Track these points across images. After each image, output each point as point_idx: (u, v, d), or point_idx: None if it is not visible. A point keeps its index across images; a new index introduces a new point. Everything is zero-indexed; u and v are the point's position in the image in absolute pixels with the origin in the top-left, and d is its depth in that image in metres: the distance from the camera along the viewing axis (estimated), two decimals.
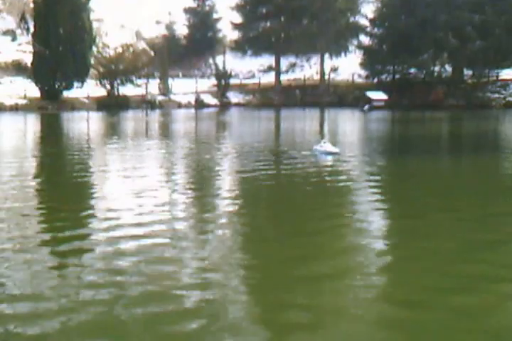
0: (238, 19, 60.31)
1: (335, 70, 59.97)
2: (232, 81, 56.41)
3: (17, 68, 55.62)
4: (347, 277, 6.41)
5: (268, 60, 62.09)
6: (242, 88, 57.15)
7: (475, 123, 33.89)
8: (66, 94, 47.82)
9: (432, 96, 49.40)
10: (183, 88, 53.55)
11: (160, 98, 51.49)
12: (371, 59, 54.25)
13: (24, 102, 45.82)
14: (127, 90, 50.76)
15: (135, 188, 11.49)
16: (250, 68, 65.34)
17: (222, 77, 55.70)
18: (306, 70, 63.47)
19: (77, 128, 31.64)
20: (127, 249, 7.30)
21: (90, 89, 48.63)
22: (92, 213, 9.54)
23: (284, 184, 12.76)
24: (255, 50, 60.49)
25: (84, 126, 33.31)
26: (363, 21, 57.17)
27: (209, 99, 53.34)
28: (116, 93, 50.72)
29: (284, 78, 59.00)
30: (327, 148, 16.60)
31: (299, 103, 52.10)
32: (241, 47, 61.11)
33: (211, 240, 7.83)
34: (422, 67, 52.21)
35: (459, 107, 45.81)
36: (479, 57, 48.61)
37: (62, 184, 12.98)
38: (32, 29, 50.46)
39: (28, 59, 50.74)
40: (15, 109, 44.49)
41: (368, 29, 56.48)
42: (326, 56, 57.81)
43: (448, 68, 53.01)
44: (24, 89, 46.57)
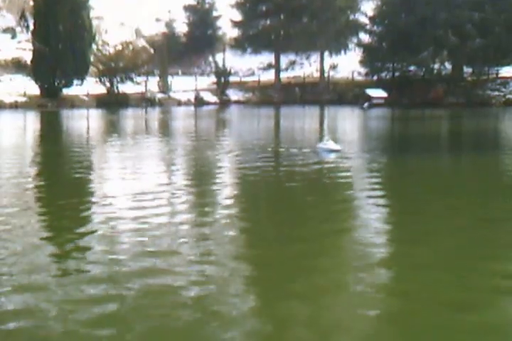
0: (238, 17, 60.25)
1: (334, 68, 59.97)
2: (231, 79, 56.38)
3: (17, 66, 55.61)
4: (346, 270, 6.50)
5: (268, 58, 62.06)
6: (242, 86, 57.12)
7: (475, 121, 33.88)
8: (66, 92, 47.75)
9: (432, 94, 49.34)
10: (183, 86, 53.51)
11: (159, 96, 51.47)
12: (371, 57, 54.21)
13: (24, 100, 45.80)
14: (127, 88, 50.71)
15: (135, 185, 11.52)
16: (250, 66, 65.34)
17: (221, 75, 55.67)
18: (306, 68, 63.44)
19: (76, 125, 31.66)
20: (127, 244, 7.35)
21: (90, 86, 48.56)
22: (92, 209, 9.56)
23: (287, 181, 12.76)
24: (255, 48, 60.44)
25: (84, 124, 33.31)
26: (363, 19, 57.10)
27: (209, 97, 53.32)
28: (115, 91, 50.61)
29: (284, 76, 58.99)
30: (330, 146, 16.70)
31: (299, 101, 52.06)
32: (241, 44, 61.06)
33: (211, 235, 7.86)
34: (422, 65, 52.15)
35: (459, 105, 45.76)
36: (479, 54, 48.54)
37: (62, 181, 13.00)
38: (32, 27, 50.36)
39: (28, 57, 50.67)
40: (14, 107, 44.44)
41: (368, 27, 56.40)
42: (326, 54, 57.80)
43: (448, 66, 52.92)
44: (24, 86, 46.47)
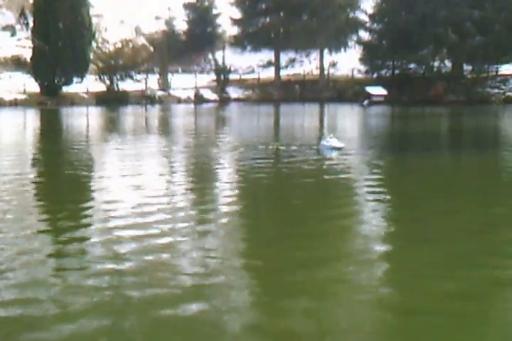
0: (238, 15, 60.29)
1: (334, 65, 59.97)
2: (231, 76, 56.46)
3: (16, 63, 55.62)
4: (346, 264, 6.56)
5: (267, 56, 62.08)
6: (242, 83, 57.16)
7: (475, 118, 33.88)
8: (65, 90, 47.78)
9: (432, 91, 49.35)
10: (183, 83, 53.56)
11: (159, 93, 51.51)
12: (371, 54, 54.22)
13: (23, 97, 45.81)
14: (127, 85, 50.75)
15: (135, 181, 11.54)
16: (250, 63, 65.35)
17: (221, 73, 55.71)
18: (306, 65, 63.48)
19: (76, 123, 31.64)
20: (127, 239, 7.39)
21: (90, 84, 48.60)
22: (92, 206, 9.59)
23: (289, 178, 12.80)
24: (255, 46, 60.48)
25: (83, 122, 33.31)
26: (363, 17, 57.09)
27: (208, 95, 53.35)
28: (115, 88, 50.68)
29: (284, 73, 59.03)
30: (333, 143, 16.71)
31: (299, 98, 52.11)
32: (240, 42, 61.08)
33: (211, 231, 7.88)
34: (422, 63, 52.16)
35: (459, 103, 45.75)
36: (479, 52, 48.54)
37: (62, 178, 13.02)
38: (31, 24, 50.34)
39: (28, 54, 50.70)
40: (14, 105, 44.47)
41: (368, 25, 56.40)
42: (326, 51, 57.82)
43: (448, 64, 52.94)
44: (23, 84, 46.51)
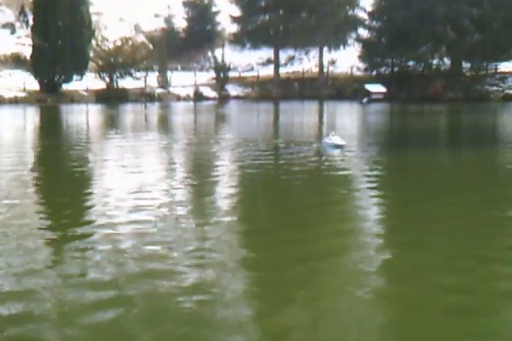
0: (237, 12, 60.27)
1: (333, 63, 60.01)
2: (230, 74, 56.46)
3: (16, 61, 55.63)
4: (343, 257, 6.65)
5: (267, 53, 62.09)
6: (241, 81, 57.17)
7: (474, 116, 33.92)
8: (65, 87, 47.85)
9: (431, 89, 49.38)
10: (182, 81, 53.57)
11: (159, 91, 51.55)
12: (370, 52, 54.24)
13: (23, 95, 45.87)
14: (126, 83, 50.80)
15: (135, 178, 11.60)
16: (249, 61, 65.35)
17: (221, 70, 55.74)
18: (305, 63, 63.48)
19: (76, 120, 31.70)
20: (127, 235, 7.45)
21: (89, 81, 48.68)
22: (92, 202, 9.61)
23: (291, 175, 12.85)
24: (254, 43, 60.49)
25: (83, 119, 33.37)
26: (362, 14, 57.12)
27: (208, 92, 53.39)
28: (115, 86, 50.75)
29: (283, 71, 59.05)
30: (335, 141, 16.73)
31: (298, 96, 52.13)
32: (240, 40, 61.09)
33: (210, 228, 7.96)
34: (421, 60, 52.19)
35: (458, 100, 45.79)
36: (478, 50, 48.58)
37: (62, 175, 13.08)
38: (31, 22, 50.36)
39: (27, 52, 50.71)
40: (14, 102, 44.52)
41: (367, 22, 56.41)
42: (325, 49, 57.87)
43: (446, 61, 52.96)
44: (23, 81, 46.55)
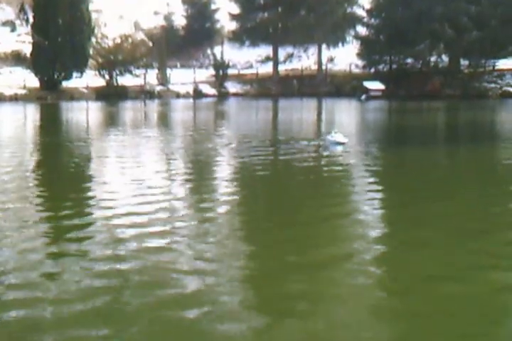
0: (236, 10, 60.44)
1: (332, 60, 60.16)
2: (230, 71, 56.67)
3: (16, 58, 55.74)
4: (342, 263, 6.44)
5: (266, 51, 62.22)
6: (240, 78, 57.32)
7: (472, 113, 33.99)
8: (65, 84, 47.98)
9: (429, 86, 49.55)
10: (182, 78, 53.72)
11: (158, 88, 51.71)
12: (368, 49, 54.43)
13: (23, 92, 46.01)
14: (126, 80, 50.96)
15: (134, 175, 11.65)
16: (248, 58, 65.49)
17: (220, 68, 55.94)
18: (304, 60, 63.58)
19: (76, 117, 31.79)
20: (126, 234, 7.37)
21: (89, 79, 48.82)
22: (92, 200, 9.54)
23: (291, 172, 12.88)
24: (253, 41, 60.67)
25: (83, 116, 33.50)
26: (360, 12, 57.33)
27: (207, 89, 53.56)
28: (115, 83, 50.92)
29: (282, 68, 59.23)
30: (337, 138, 16.69)
31: (297, 93, 52.30)
32: (239, 37, 61.26)
33: (210, 226, 7.95)
34: (419, 58, 52.37)
35: (456, 97, 45.88)
36: (475, 47, 48.72)
37: (62, 172, 13.09)
38: (31, 20, 50.49)
39: (27, 49, 50.85)
40: (14, 99, 44.67)
41: (365, 20, 56.58)
42: (324, 46, 58.06)
43: (444, 58, 53.11)
44: (23, 79, 46.69)
